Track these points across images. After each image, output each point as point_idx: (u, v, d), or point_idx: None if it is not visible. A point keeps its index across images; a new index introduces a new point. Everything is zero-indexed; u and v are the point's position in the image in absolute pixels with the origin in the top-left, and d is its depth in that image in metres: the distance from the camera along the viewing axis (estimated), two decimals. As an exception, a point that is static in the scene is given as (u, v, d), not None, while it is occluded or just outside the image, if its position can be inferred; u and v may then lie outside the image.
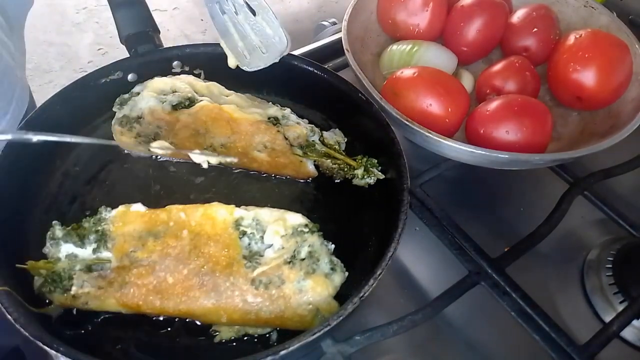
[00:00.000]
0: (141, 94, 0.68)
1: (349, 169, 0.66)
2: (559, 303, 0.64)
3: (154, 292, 0.52)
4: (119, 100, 0.68)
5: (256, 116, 0.67)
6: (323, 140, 0.68)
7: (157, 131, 0.67)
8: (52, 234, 0.54)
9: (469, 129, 0.70)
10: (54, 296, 0.52)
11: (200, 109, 0.67)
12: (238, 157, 0.67)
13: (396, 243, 0.52)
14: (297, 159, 0.67)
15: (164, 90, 0.69)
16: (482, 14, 0.77)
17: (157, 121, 0.67)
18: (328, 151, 0.67)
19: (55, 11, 1.60)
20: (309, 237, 0.54)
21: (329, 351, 0.52)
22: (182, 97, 0.68)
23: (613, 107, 0.73)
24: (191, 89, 0.69)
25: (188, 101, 0.68)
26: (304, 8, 1.96)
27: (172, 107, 0.67)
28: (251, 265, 0.53)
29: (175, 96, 0.68)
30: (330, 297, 0.52)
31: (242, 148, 0.67)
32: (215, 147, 0.67)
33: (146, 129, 0.67)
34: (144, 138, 0.67)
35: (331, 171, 0.68)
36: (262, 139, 0.66)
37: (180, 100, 0.67)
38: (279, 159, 0.67)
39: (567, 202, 0.67)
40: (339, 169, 0.67)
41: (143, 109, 0.67)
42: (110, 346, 0.53)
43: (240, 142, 0.67)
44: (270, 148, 0.66)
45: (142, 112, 0.67)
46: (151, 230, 0.54)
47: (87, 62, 1.70)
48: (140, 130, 0.67)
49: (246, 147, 0.67)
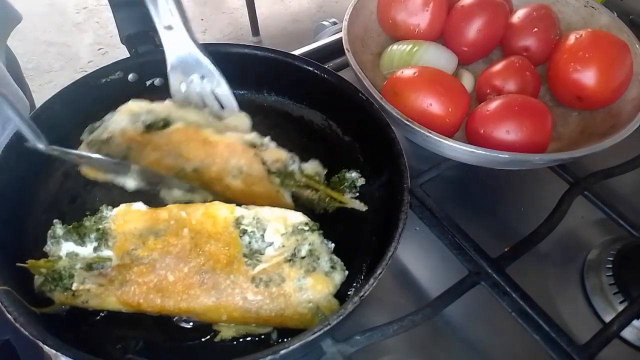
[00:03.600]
0: (113, 117, 0.65)
1: (330, 200, 0.63)
2: (559, 303, 0.64)
3: (154, 290, 0.52)
4: (89, 129, 0.65)
5: (234, 138, 0.64)
6: (302, 171, 0.64)
7: (125, 152, 0.63)
8: (53, 233, 0.54)
9: (469, 129, 0.70)
10: (55, 295, 0.52)
11: (175, 130, 0.63)
12: (210, 185, 0.62)
13: (396, 242, 0.52)
14: (273, 188, 0.62)
15: (139, 113, 0.65)
16: (483, 14, 0.77)
17: (128, 142, 0.63)
18: (308, 182, 0.63)
19: (55, 11, 1.60)
20: (309, 235, 0.54)
21: (329, 351, 0.52)
22: (158, 117, 0.64)
23: (613, 107, 0.73)
24: (169, 113, 0.66)
25: (162, 122, 0.64)
26: (304, 8, 1.96)
27: (145, 128, 0.64)
28: (252, 263, 0.53)
29: (150, 115, 0.64)
30: (330, 295, 0.53)
31: (215, 173, 0.62)
32: (187, 172, 0.63)
33: (115, 150, 0.63)
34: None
35: (310, 203, 0.64)
36: (238, 163, 0.62)
37: (155, 121, 0.64)
38: (254, 188, 0.62)
39: (567, 202, 0.67)
40: (319, 200, 0.63)
41: (114, 130, 0.63)
42: (111, 345, 0.53)
43: (215, 167, 0.62)
44: (246, 173, 0.62)
45: (113, 133, 0.63)
46: (152, 229, 0.54)
47: (87, 62, 1.70)
48: (109, 151, 0.63)
49: (220, 172, 0.62)
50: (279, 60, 0.72)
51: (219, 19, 2.92)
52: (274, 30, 2.74)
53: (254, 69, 0.74)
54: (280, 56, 0.72)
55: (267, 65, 0.73)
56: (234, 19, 2.92)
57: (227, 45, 0.74)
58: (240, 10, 2.93)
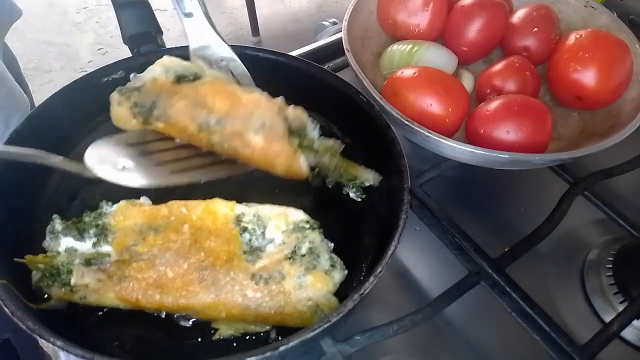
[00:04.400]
0: (149, 68, 0.66)
1: (344, 171, 0.64)
2: (559, 303, 0.64)
3: (153, 286, 0.51)
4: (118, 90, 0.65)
5: (260, 95, 0.64)
6: (321, 139, 0.65)
7: (154, 99, 0.63)
8: (52, 228, 0.54)
9: (469, 129, 0.70)
10: (52, 290, 0.52)
11: (204, 82, 0.64)
12: (230, 141, 0.62)
13: (396, 242, 0.52)
14: (291, 149, 0.62)
15: (171, 66, 0.66)
16: (482, 14, 0.77)
17: (157, 89, 0.64)
18: (325, 149, 0.64)
19: (55, 11, 1.60)
20: (309, 233, 0.54)
21: (329, 351, 0.52)
22: (189, 70, 0.65)
23: (613, 107, 0.73)
24: (201, 69, 0.67)
25: (193, 76, 0.65)
26: (304, 8, 1.96)
27: (176, 78, 0.65)
28: (252, 260, 0.53)
29: (181, 67, 0.66)
30: (330, 294, 0.52)
31: (238, 126, 0.62)
32: (210, 124, 0.62)
33: (144, 98, 0.63)
34: (139, 109, 0.63)
35: (325, 171, 0.64)
36: (261, 116, 0.62)
37: (186, 73, 0.65)
38: (273, 145, 0.61)
39: (567, 202, 0.68)
40: (334, 169, 0.64)
41: (147, 79, 0.65)
42: (108, 342, 0.53)
43: (238, 120, 0.62)
44: (268, 128, 0.62)
45: (144, 82, 0.64)
46: (152, 225, 0.54)
47: (87, 62, 1.70)
48: (138, 99, 0.63)
49: (242, 126, 0.62)
50: (278, 61, 0.72)
51: (219, 19, 2.92)
52: (274, 30, 2.74)
53: (253, 70, 0.74)
54: (280, 57, 0.72)
55: (267, 66, 0.73)
56: (234, 19, 2.92)
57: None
58: (240, 10, 2.93)
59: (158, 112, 0.63)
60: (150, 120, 0.63)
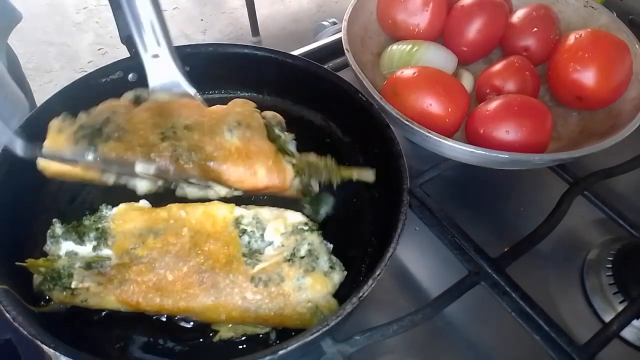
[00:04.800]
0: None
1: (336, 170, 0.61)
2: (559, 303, 0.64)
3: (153, 289, 0.52)
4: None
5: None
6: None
7: (108, 116, 0.58)
8: (52, 232, 0.54)
9: (469, 129, 0.70)
10: (53, 294, 0.52)
11: (166, 101, 0.59)
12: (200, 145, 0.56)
13: (395, 243, 0.52)
14: (272, 148, 0.58)
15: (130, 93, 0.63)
16: (482, 14, 0.77)
17: (111, 109, 0.59)
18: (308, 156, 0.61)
19: (55, 11, 1.61)
20: (308, 235, 0.54)
21: (329, 351, 0.52)
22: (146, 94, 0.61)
23: (613, 107, 0.73)
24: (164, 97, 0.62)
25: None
26: (304, 8, 1.96)
27: (134, 98, 0.61)
28: (251, 263, 0.53)
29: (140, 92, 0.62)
30: (329, 295, 0.52)
31: (209, 128, 0.57)
32: (177, 128, 0.57)
33: (94, 119, 0.57)
34: (85, 131, 0.57)
35: (315, 171, 0.60)
36: (236, 115, 0.58)
37: (145, 95, 0.61)
38: (251, 146, 0.57)
39: (567, 202, 0.67)
40: (324, 167, 0.60)
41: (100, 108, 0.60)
42: (109, 345, 0.53)
43: (209, 122, 0.57)
44: (245, 125, 0.57)
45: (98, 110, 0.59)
46: (152, 228, 0.54)
47: (87, 62, 1.71)
48: (85, 121, 0.58)
49: (214, 128, 0.57)
50: (278, 60, 0.72)
51: (218, 19, 2.92)
52: (274, 30, 2.74)
53: (253, 70, 0.74)
54: (280, 56, 0.72)
55: (267, 65, 0.73)
56: (234, 19, 2.92)
57: (227, 46, 0.74)
58: (240, 10, 2.93)
59: (110, 128, 0.57)
60: (95, 142, 0.56)
